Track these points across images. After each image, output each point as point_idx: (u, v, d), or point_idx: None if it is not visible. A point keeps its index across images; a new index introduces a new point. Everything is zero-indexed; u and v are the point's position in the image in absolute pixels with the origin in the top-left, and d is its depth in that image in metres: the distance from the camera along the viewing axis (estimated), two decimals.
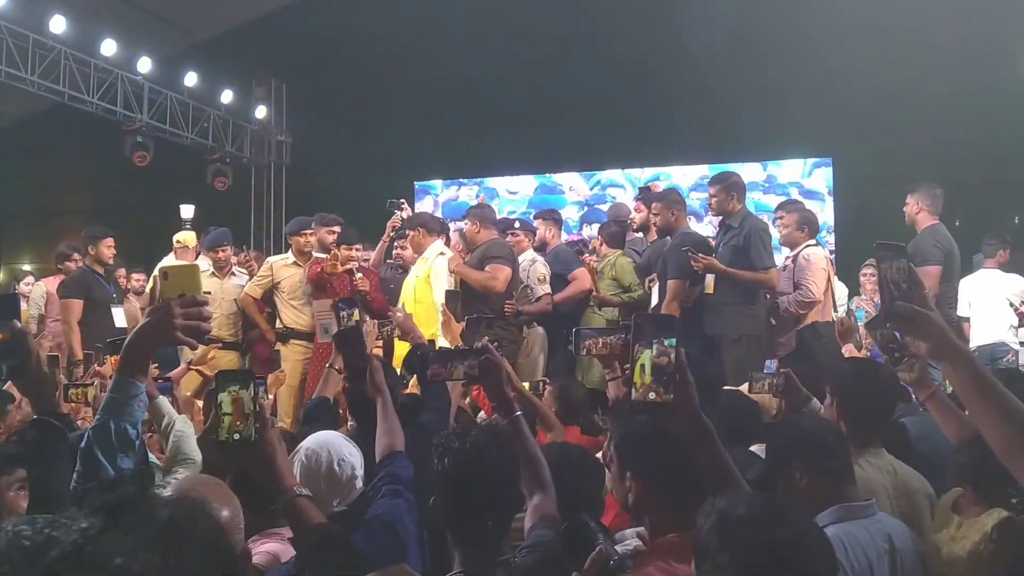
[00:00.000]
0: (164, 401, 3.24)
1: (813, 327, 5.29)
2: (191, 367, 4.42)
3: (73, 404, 3.50)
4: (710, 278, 5.03)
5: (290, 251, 6.47)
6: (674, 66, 10.07)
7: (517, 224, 6.25)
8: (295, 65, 12.20)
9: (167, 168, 10.83)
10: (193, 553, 0.95)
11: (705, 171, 10.01)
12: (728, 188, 5.21)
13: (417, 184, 11.72)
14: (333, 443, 2.40)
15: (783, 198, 8.24)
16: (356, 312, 4.28)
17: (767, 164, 10.23)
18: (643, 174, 10.70)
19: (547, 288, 5.76)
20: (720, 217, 5.48)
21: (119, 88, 10.07)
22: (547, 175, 11.18)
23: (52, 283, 7.13)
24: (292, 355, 5.97)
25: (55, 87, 9.40)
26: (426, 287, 5.47)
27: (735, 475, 1.62)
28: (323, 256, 6.10)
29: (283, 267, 6.31)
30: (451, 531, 1.89)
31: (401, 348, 4.94)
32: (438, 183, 11.76)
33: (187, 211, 9.88)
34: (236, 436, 1.74)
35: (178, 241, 7.18)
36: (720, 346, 5.00)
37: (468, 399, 4.07)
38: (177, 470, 3.08)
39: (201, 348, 5.18)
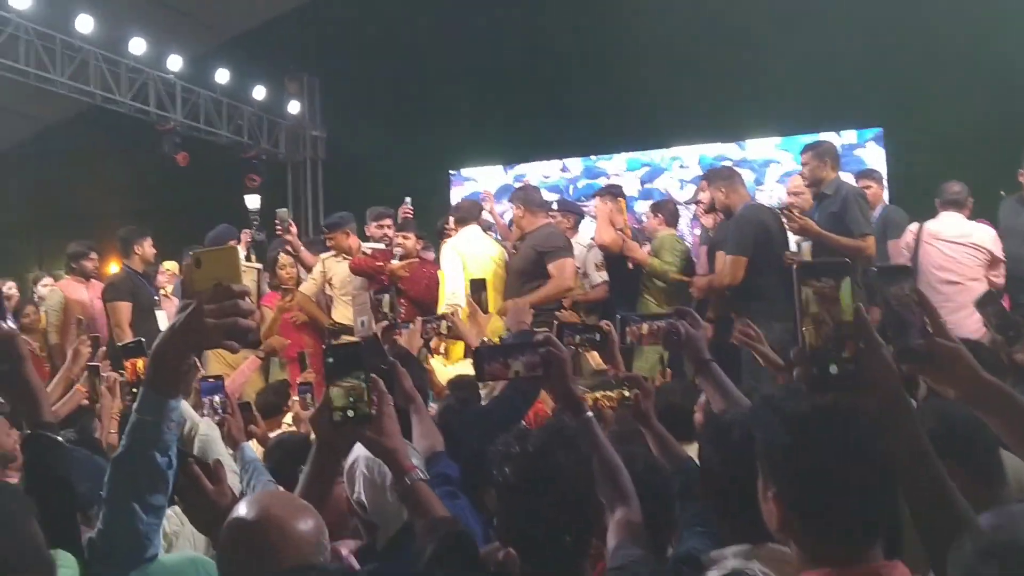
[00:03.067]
0: (183, 405, 2.95)
1: None
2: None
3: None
4: (806, 251, 4.70)
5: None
6: (714, 40, 9.70)
7: (555, 205, 5.88)
8: (326, 59, 12.02)
9: (203, 167, 10.66)
10: None
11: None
12: (821, 155, 4.94)
13: (451, 172, 11.48)
14: None
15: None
16: (387, 299, 3.99)
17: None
18: (688, 152, 10.34)
19: (604, 275, 5.44)
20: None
21: (151, 88, 9.90)
22: (590, 158, 10.81)
23: (68, 287, 6.63)
24: None
25: (85, 88, 9.23)
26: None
27: (948, 483, 1.28)
28: (376, 247, 5.87)
29: (334, 262, 6.08)
30: (521, 553, 1.58)
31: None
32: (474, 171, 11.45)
33: (252, 202, 8.82)
34: (351, 413, 1.62)
35: (167, 269, 7.07)
36: None
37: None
38: None
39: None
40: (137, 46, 9.52)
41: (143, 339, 2.64)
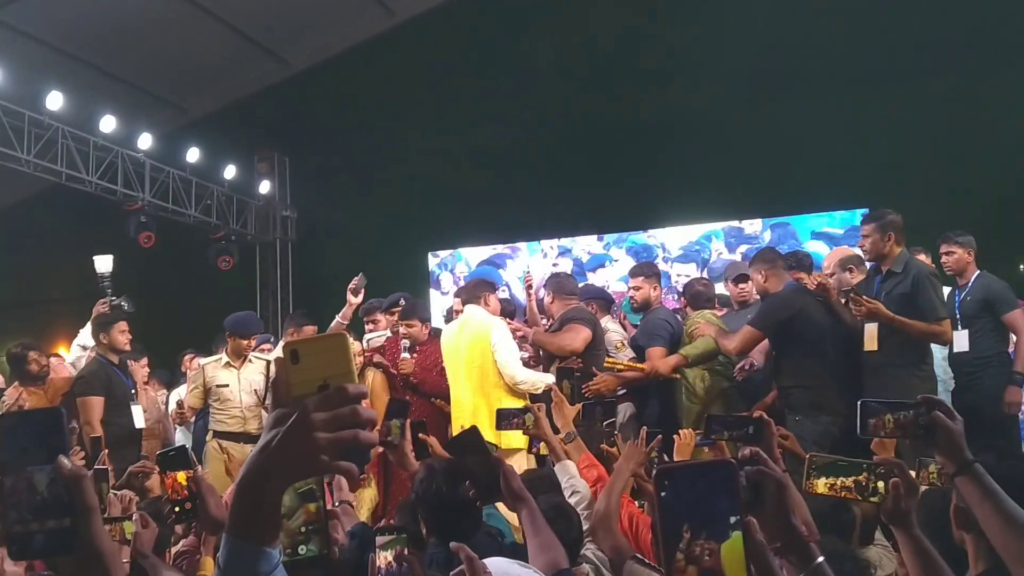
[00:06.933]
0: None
1: None
2: None
3: None
4: (871, 330, 4.39)
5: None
6: (691, 122, 9.71)
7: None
8: (297, 138, 11.83)
9: (170, 248, 10.27)
10: None
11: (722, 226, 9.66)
12: (884, 227, 4.55)
13: (430, 254, 11.20)
14: (513, 574, 1.74)
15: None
16: (395, 425, 3.54)
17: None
18: (669, 235, 10.19)
19: (629, 353, 5.16)
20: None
21: (119, 166, 9.54)
22: (564, 239, 10.61)
23: (15, 394, 5.70)
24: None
25: (52, 167, 8.85)
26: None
27: None
28: (379, 336, 5.54)
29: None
30: None
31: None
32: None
33: (103, 263, 7.04)
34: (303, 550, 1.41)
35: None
36: None
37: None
38: None
39: None
40: (107, 124, 9.20)
41: (186, 446, 2.30)
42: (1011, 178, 8.38)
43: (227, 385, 5.77)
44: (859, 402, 1.84)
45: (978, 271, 5.32)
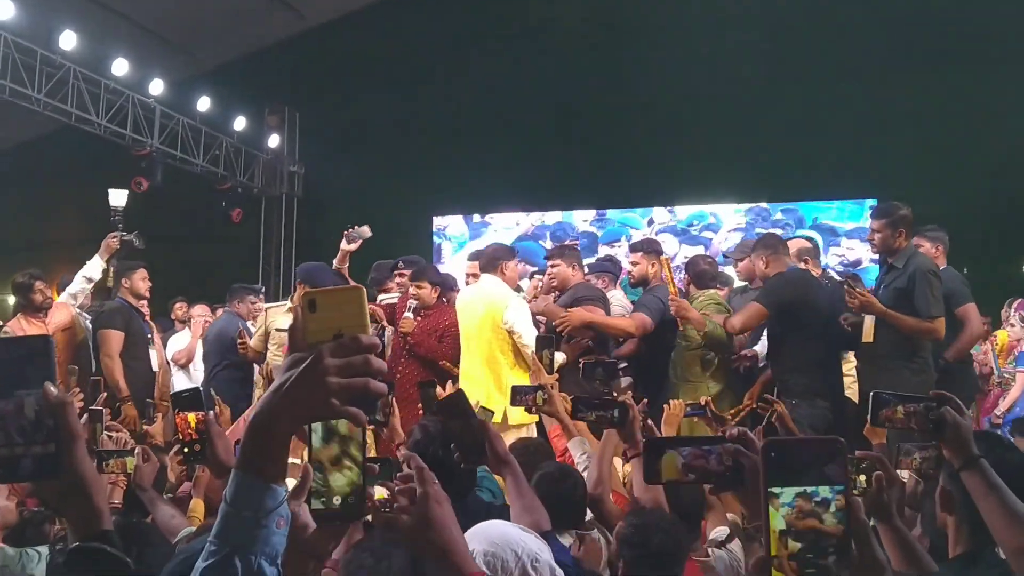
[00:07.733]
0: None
1: None
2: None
3: (110, 480, 2.74)
4: (868, 323, 4.38)
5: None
6: (706, 103, 9.67)
7: (586, 269, 5.61)
8: (309, 93, 11.78)
9: (176, 196, 10.26)
10: None
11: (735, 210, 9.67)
12: (895, 223, 4.48)
13: (435, 218, 11.18)
14: (515, 538, 1.73)
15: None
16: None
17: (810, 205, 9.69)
18: (663, 213, 10.20)
19: None
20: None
21: (129, 110, 9.50)
22: (569, 211, 10.63)
23: (22, 328, 5.48)
24: None
25: (62, 106, 8.81)
26: None
27: None
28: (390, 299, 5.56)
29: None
30: None
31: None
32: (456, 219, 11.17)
33: (117, 197, 7.05)
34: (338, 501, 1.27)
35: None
36: None
37: None
38: None
39: None
40: (119, 67, 9.14)
41: (199, 387, 2.31)
42: (1018, 174, 8.35)
43: (285, 330, 5.66)
44: (871, 392, 1.85)
45: (945, 266, 5.23)
